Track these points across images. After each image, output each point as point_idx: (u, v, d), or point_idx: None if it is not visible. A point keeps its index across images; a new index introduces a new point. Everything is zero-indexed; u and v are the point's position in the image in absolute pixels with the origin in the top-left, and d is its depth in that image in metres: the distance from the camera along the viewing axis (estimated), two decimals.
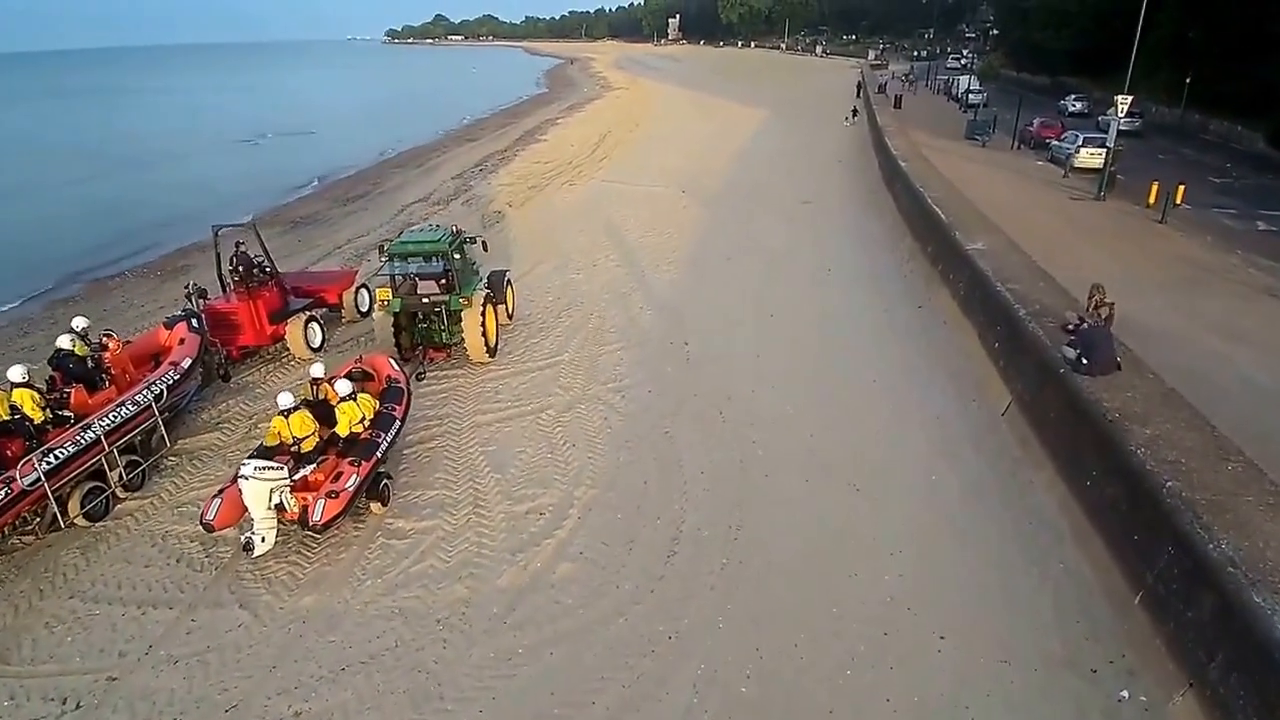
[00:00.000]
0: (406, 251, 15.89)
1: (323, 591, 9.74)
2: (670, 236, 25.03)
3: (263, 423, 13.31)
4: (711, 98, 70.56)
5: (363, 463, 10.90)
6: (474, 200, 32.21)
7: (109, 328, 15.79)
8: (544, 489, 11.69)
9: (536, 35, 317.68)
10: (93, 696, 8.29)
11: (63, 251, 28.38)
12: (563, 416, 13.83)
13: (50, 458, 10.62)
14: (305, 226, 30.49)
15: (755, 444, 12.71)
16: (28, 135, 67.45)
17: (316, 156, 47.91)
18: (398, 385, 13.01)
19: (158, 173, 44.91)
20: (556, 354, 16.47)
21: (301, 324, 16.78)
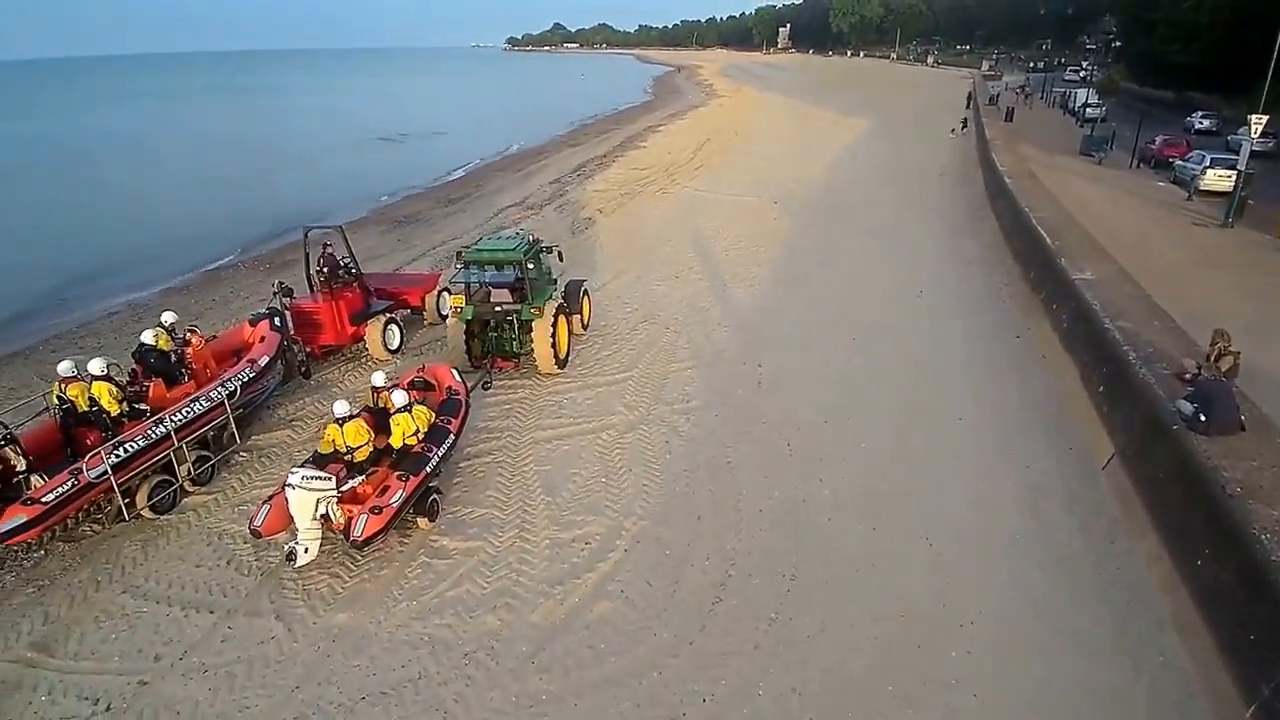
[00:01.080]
0: (481, 259, 15.79)
1: (357, 609, 9.57)
2: (757, 249, 24.20)
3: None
4: (814, 107, 68.82)
5: (410, 478, 10.70)
6: (567, 206, 32.25)
7: (195, 323, 16.45)
8: (593, 516, 11.21)
9: (648, 43, 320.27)
10: (122, 700, 8.34)
11: (188, 241, 30.13)
12: (623, 438, 13.33)
13: (119, 451, 10.91)
14: (406, 226, 31.24)
15: (822, 482, 11.85)
16: (178, 132, 72.45)
17: (429, 158, 49.40)
18: (456, 398, 12.83)
19: (286, 168, 47.34)
20: (626, 369, 16.01)
21: (381, 325, 16.98)
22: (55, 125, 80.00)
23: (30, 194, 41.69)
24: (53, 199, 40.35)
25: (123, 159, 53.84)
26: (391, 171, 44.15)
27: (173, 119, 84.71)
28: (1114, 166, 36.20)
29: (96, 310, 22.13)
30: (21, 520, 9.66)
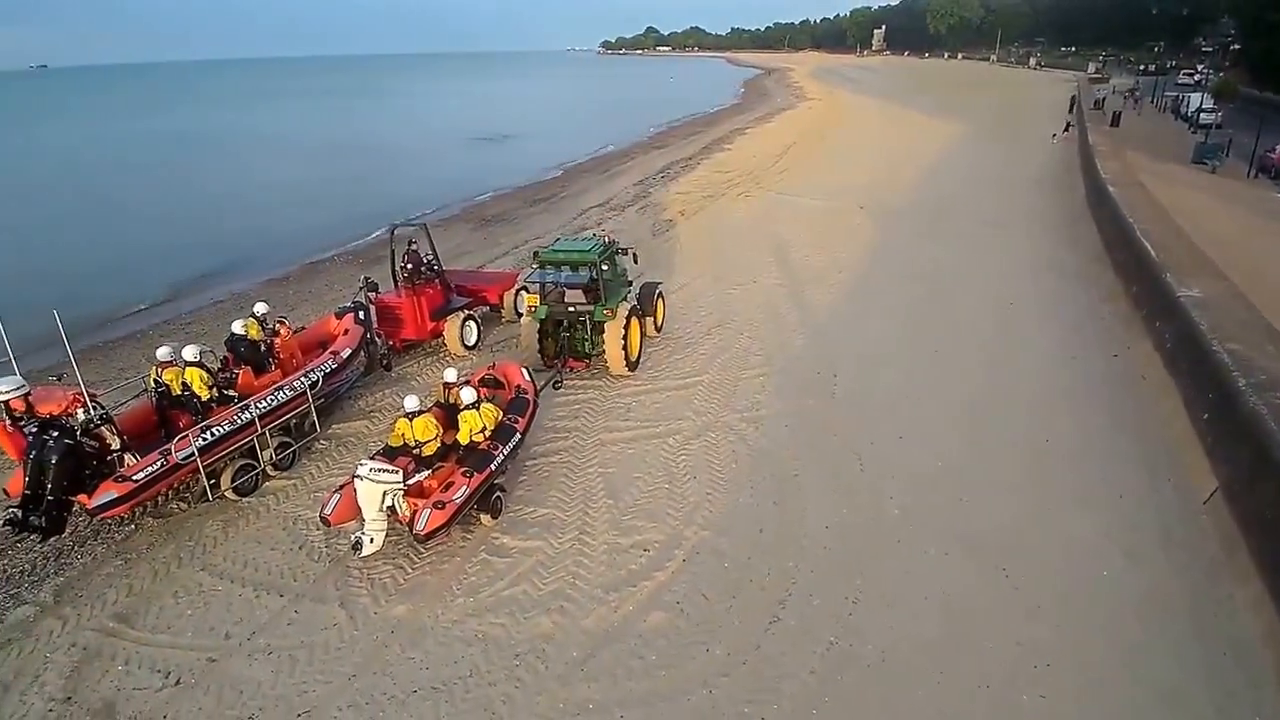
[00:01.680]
0: (556, 259, 15.91)
1: (416, 602, 9.75)
2: (839, 255, 23.60)
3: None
4: (906, 110, 66.73)
5: (475, 475, 10.85)
6: (649, 207, 32.27)
7: (290, 313, 17.16)
8: (654, 523, 11.11)
9: (740, 46, 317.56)
10: (191, 675, 8.74)
11: (293, 234, 31.64)
12: (689, 444, 13.18)
13: (206, 435, 11.48)
14: (494, 224, 31.89)
15: (892, 500, 11.41)
16: (294, 131, 76.11)
17: (520, 158, 50.35)
18: (525, 397, 12.94)
19: (389, 166, 49.10)
20: (697, 374, 15.84)
21: (459, 321, 17.34)
22: (191, 122, 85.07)
23: (156, 187, 44.49)
24: (177, 191, 42.96)
25: (242, 155, 56.92)
26: (484, 171, 45.19)
27: (290, 119, 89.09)
28: (1229, 176, 33.79)
29: (205, 298, 23.41)
30: (113, 496, 10.25)
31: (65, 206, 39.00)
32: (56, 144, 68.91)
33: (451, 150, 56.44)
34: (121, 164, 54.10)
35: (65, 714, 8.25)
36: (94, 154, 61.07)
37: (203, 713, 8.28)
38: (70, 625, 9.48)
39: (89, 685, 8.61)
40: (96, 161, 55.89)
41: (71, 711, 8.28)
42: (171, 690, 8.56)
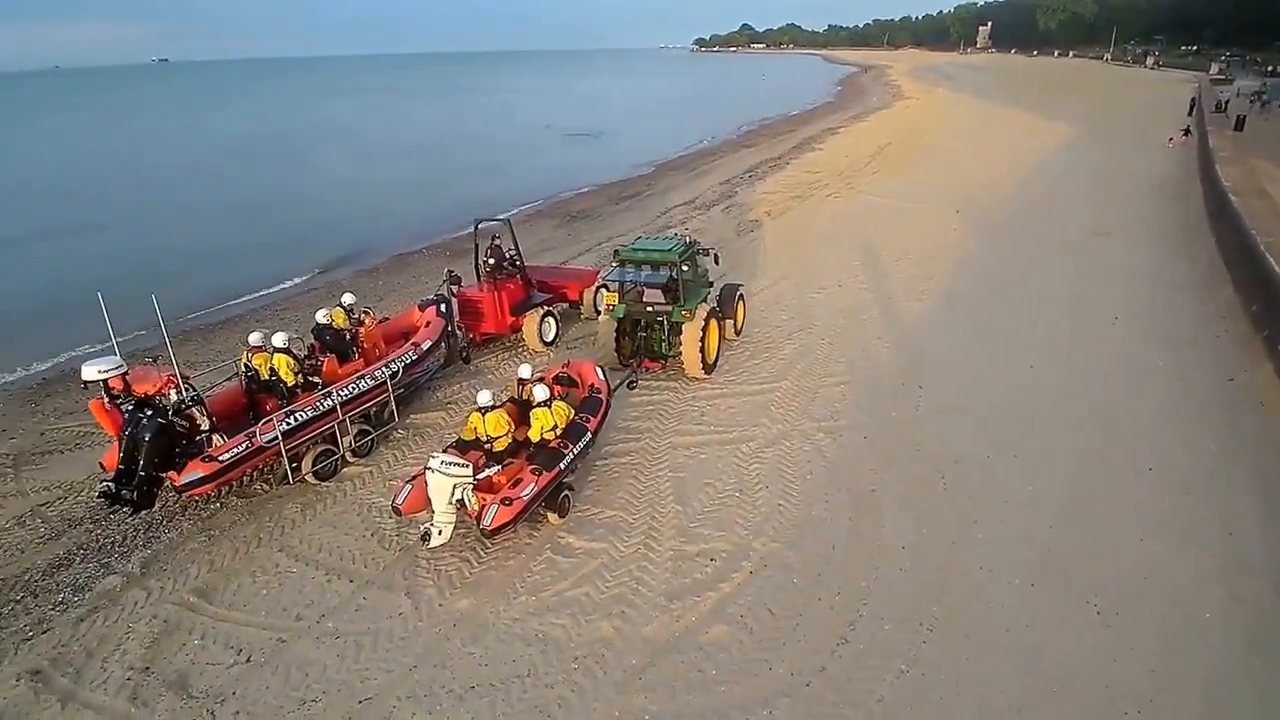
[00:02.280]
0: (636, 258, 15.77)
1: (480, 597, 9.78)
2: (931, 261, 22.67)
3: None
4: (1010, 110, 63.65)
5: (544, 473, 10.81)
6: (734, 207, 31.85)
7: (378, 304, 17.62)
8: (722, 532, 10.84)
9: (837, 43, 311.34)
10: (262, 654, 8.99)
11: (386, 226, 32.62)
12: (763, 452, 12.83)
13: (290, 420, 11.85)
14: (578, 221, 32.07)
15: (976, 524, 10.79)
16: (390, 125, 78.78)
17: (608, 155, 50.53)
18: (598, 396, 12.86)
19: (479, 161, 49.86)
20: (775, 380, 15.44)
21: (538, 317, 17.45)
22: (296, 116, 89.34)
23: (259, 178, 46.71)
24: (279, 183, 44.99)
25: (340, 150, 59.03)
26: (571, 167, 45.59)
27: (388, 114, 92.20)
28: None
29: (300, 287, 24.36)
30: (200, 475, 10.70)
31: (171, 195, 41.19)
32: (168, 136, 72.99)
33: (540, 146, 57.13)
34: (228, 155, 56.92)
35: (142, 683, 8.60)
36: (204, 145, 64.46)
37: (269, 691, 8.50)
38: (153, 597, 9.92)
39: (166, 657, 8.97)
40: (206, 152, 58.96)
41: (148, 681, 8.62)
42: (242, 667, 8.82)
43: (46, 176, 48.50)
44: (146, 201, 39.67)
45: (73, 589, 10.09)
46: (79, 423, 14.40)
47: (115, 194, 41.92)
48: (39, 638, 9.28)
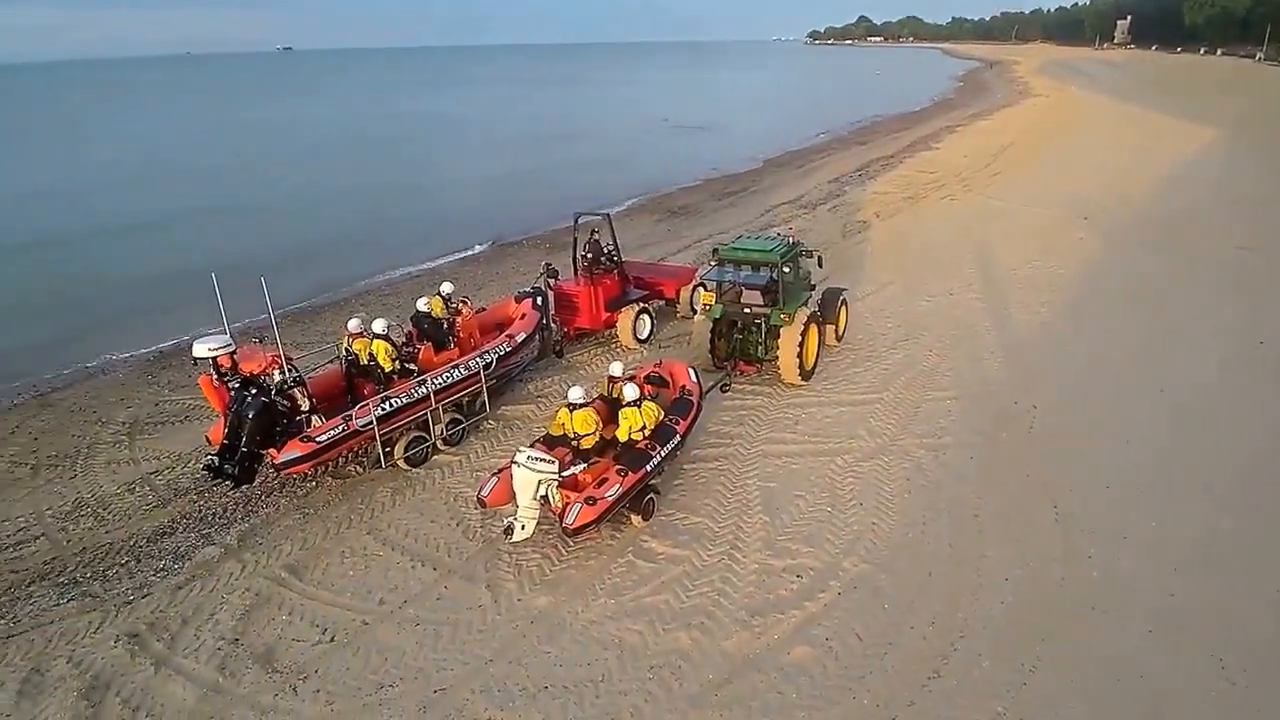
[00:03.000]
0: (736, 258, 15.35)
1: (559, 595, 9.67)
2: (1053, 271, 21.17)
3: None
4: (1149, 112, 58.93)
5: (629, 474, 10.60)
6: (842, 207, 30.84)
7: (477, 293, 17.88)
8: (810, 548, 10.35)
9: (960, 36, 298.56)
10: (345, 635, 9.16)
11: (492, 216, 33.21)
12: (859, 466, 12.22)
13: (385, 405, 12.09)
14: (679, 217, 31.85)
15: (1091, 560, 9.90)
16: (502, 116, 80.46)
17: (713, 149, 49.98)
18: (689, 399, 12.55)
19: (587, 153, 50.51)
20: (876, 390, 14.73)
21: (633, 314, 17.30)
22: (410, 105, 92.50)
23: (372, 166, 48.57)
24: (389, 171, 46.56)
25: (452, 139, 60.93)
26: (675, 161, 45.42)
27: (498, 105, 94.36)
28: None
29: (403, 273, 25.10)
30: (297, 454, 11.06)
31: (286, 182, 43.20)
32: (288, 123, 76.59)
33: (646, 139, 57.13)
34: (343, 143, 59.46)
35: (232, 654, 8.90)
36: (321, 133, 67.49)
37: (349, 673, 8.63)
38: (248, 570, 10.30)
39: (255, 630, 9.27)
40: (322, 140, 61.73)
41: (237, 653, 8.92)
42: (325, 646, 9.00)
43: (178, 159, 51.87)
44: (264, 187, 41.76)
45: (174, 556, 10.61)
46: (190, 396, 15.20)
47: (235, 180, 44.29)
48: (139, 602, 9.77)
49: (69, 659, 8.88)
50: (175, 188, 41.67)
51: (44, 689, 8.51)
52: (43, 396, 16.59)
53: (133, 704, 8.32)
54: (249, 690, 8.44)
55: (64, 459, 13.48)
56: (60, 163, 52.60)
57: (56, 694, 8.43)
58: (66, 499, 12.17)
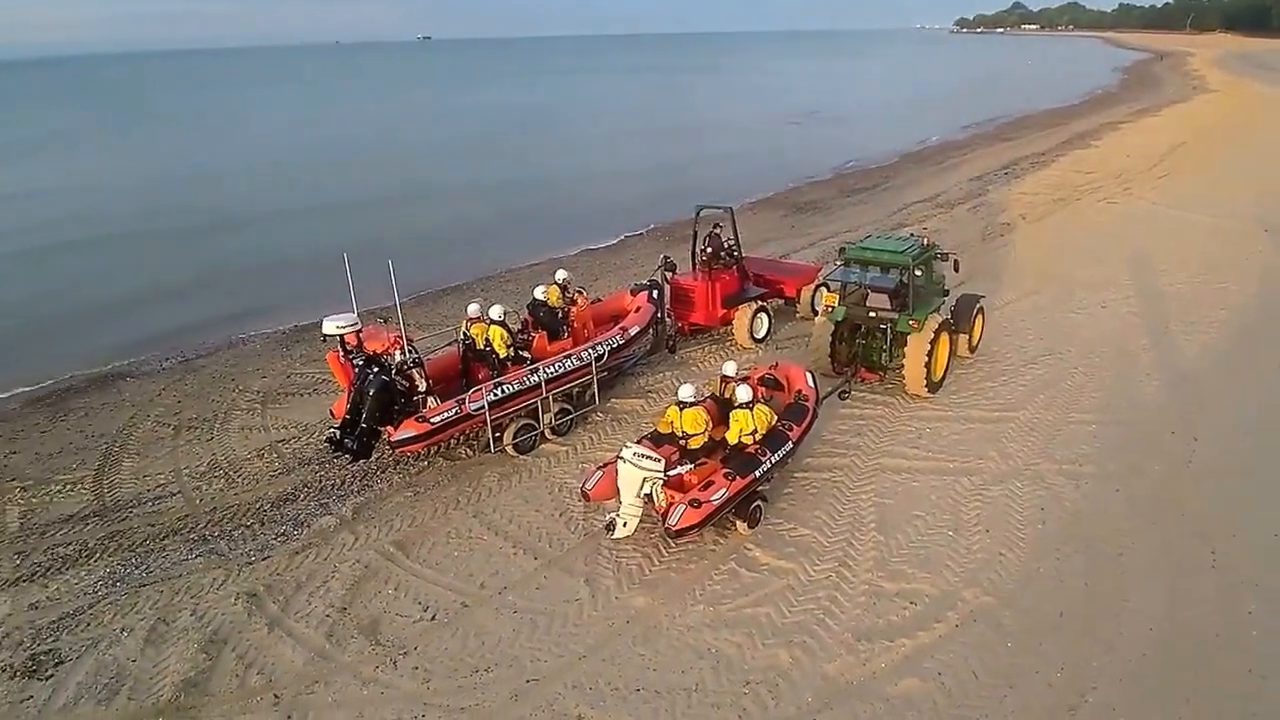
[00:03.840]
0: (864, 258, 14.60)
1: (656, 597, 9.46)
2: (1226, 288, 19.01)
3: None
4: None
5: (737, 478, 10.24)
6: (983, 207, 29.03)
7: (593, 284, 17.89)
8: (927, 573, 9.68)
9: (1128, 24, 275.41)
10: (446, 614, 9.30)
11: (615, 207, 33.38)
12: (987, 489, 11.34)
13: (497, 391, 12.25)
14: (804, 213, 30.92)
15: (1252, 615, 8.78)
16: (624, 107, 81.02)
17: (845, 142, 48.28)
18: (805, 404, 12.02)
19: (711, 145, 49.95)
20: (1010, 408, 13.66)
21: (750, 312, 16.82)
22: (535, 95, 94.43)
23: (500, 156, 49.69)
24: (518, 161, 47.56)
25: (576, 130, 61.63)
26: (804, 154, 44.14)
27: (628, 95, 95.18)
28: None
29: (524, 261, 25.43)
30: (412, 434, 11.37)
31: (418, 170, 44.50)
32: (423, 113, 79.43)
33: (776, 131, 55.80)
34: (474, 132, 61.01)
35: (339, 622, 9.21)
36: (454, 122, 69.53)
37: (446, 653, 8.74)
38: (360, 542, 10.65)
39: (362, 601, 9.56)
40: (456, 129, 63.69)
41: (344, 621, 9.22)
42: (426, 624, 9.17)
43: (323, 148, 54.85)
44: (399, 177, 42.99)
45: (293, 523, 11.12)
46: (318, 370, 15.92)
47: (373, 169, 45.80)
48: (259, 563, 10.29)
49: (193, 612, 9.45)
50: (319, 175, 43.89)
51: (168, 638, 9.08)
52: (188, 363, 17.92)
53: (246, 660, 8.75)
54: (352, 659, 8.70)
55: (203, 422, 14.46)
56: (220, 148, 56.75)
57: (179, 644, 8.98)
58: (202, 460, 13.04)
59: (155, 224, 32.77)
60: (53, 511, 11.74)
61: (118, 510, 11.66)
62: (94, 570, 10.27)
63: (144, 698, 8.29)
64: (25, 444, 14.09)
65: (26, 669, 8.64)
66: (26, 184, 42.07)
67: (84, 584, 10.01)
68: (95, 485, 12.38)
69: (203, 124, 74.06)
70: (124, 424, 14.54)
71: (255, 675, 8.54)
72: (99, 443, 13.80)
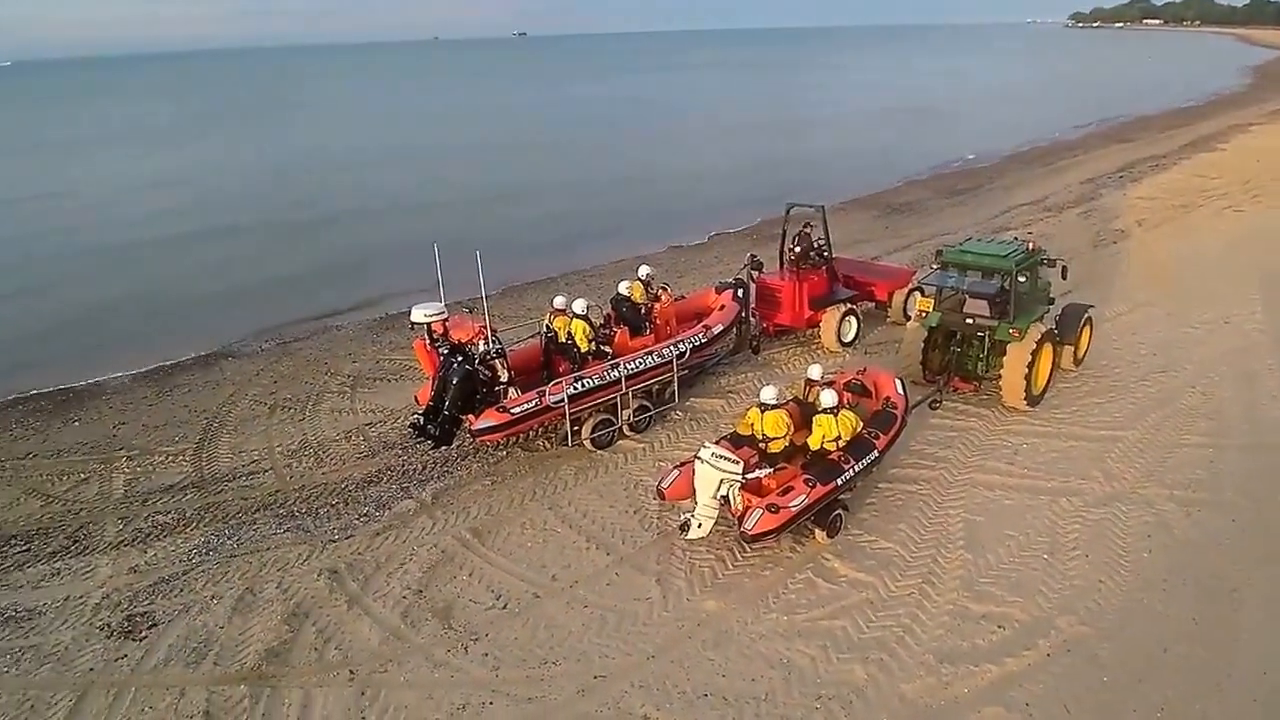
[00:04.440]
0: (964, 262, 13.93)
1: (729, 602, 9.27)
2: None
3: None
4: None
5: (817, 485, 9.92)
6: (1096, 213, 27.42)
7: (678, 281, 17.74)
8: (1018, 597, 9.15)
9: (1261, 21, 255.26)
10: (517, 604, 9.36)
11: (707, 203, 33.24)
12: (1088, 511, 10.65)
13: (577, 385, 12.26)
14: (899, 214, 29.98)
15: None
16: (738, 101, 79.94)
17: (947, 141, 46.50)
18: (892, 411, 11.54)
19: (807, 138, 49.31)
20: (1117, 427, 12.80)
21: (838, 315, 16.35)
22: (630, 90, 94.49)
23: (597, 153, 50.10)
24: (612, 157, 47.78)
25: (675, 125, 61.53)
26: (903, 152, 42.87)
27: (727, 89, 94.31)
28: None
29: (611, 255, 25.48)
30: (492, 423, 11.50)
31: (511, 167, 45.00)
32: (518, 109, 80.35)
33: (875, 127, 54.24)
34: (566, 128, 61.52)
35: (414, 604, 9.39)
36: (546, 117, 70.48)
37: (516, 642, 8.79)
38: (438, 527, 10.85)
39: (437, 585, 9.72)
40: (549, 126, 64.28)
41: (419, 604, 9.40)
42: (498, 612, 9.25)
43: (421, 141, 56.48)
44: (491, 168, 44.12)
45: (376, 504, 11.42)
46: (406, 357, 16.33)
47: (471, 161, 47.13)
48: (342, 542, 10.61)
49: (278, 584, 9.81)
50: (420, 168, 45.14)
51: (254, 608, 9.46)
52: (285, 345, 18.73)
53: (325, 634, 9.01)
54: (425, 641, 8.84)
55: (296, 402, 15.07)
56: (332, 141, 59.19)
57: (263, 614, 9.33)
58: (294, 439, 13.57)
59: (268, 212, 34.67)
60: (155, 480, 12.45)
61: (214, 483, 12.28)
62: (190, 539, 10.82)
63: (229, 664, 8.64)
64: (134, 415, 15.04)
65: (123, 629, 9.15)
66: (163, 173, 45.11)
67: (180, 551, 10.56)
68: (195, 458, 13.07)
69: (320, 117, 77.67)
70: (224, 401, 15.32)
71: (333, 650, 8.78)
72: (200, 418, 14.58)
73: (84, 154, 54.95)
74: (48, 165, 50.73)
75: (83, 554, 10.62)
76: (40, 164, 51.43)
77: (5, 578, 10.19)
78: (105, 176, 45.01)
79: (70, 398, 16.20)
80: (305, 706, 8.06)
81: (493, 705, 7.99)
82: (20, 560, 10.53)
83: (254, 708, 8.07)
